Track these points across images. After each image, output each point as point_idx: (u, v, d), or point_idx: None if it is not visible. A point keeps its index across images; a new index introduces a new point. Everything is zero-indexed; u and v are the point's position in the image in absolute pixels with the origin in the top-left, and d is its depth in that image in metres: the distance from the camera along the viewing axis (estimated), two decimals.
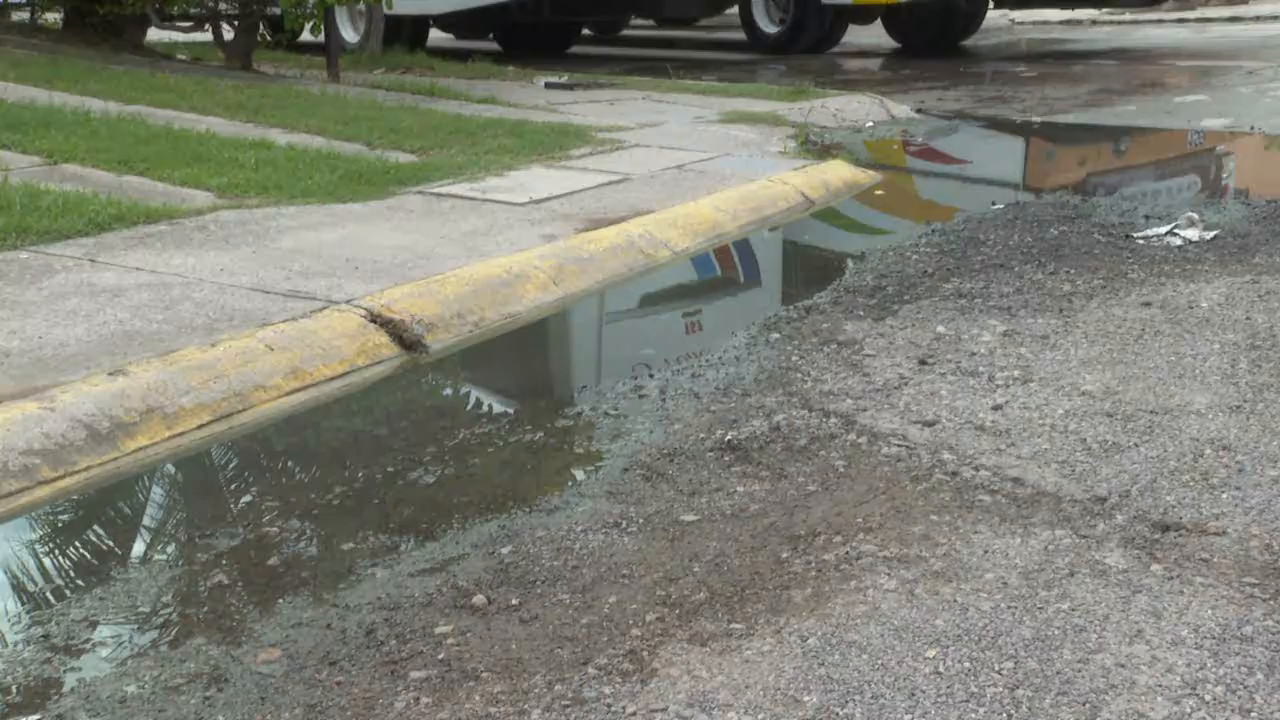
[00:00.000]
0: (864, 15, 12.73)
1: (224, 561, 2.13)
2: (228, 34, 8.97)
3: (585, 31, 15.82)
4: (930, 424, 2.59)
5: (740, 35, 13.76)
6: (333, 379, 2.93)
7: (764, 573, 1.99)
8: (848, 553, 2.04)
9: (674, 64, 10.82)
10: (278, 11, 8.12)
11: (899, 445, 2.49)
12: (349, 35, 11.35)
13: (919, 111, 7.87)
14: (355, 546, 2.17)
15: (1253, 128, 6.61)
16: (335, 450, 2.66)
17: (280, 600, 1.98)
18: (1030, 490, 2.26)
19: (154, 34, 9.52)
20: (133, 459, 2.47)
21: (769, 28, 12.62)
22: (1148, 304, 3.35)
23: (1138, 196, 4.87)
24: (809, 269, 4.45)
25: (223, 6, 8.68)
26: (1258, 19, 13.13)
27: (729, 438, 2.56)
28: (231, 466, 2.62)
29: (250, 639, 1.87)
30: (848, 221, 5.02)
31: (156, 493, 2.52)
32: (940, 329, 3.24)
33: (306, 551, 2.18)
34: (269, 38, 9.55)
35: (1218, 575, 1.92)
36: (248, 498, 2.44)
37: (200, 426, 2.62)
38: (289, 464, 2.62)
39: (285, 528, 2.26)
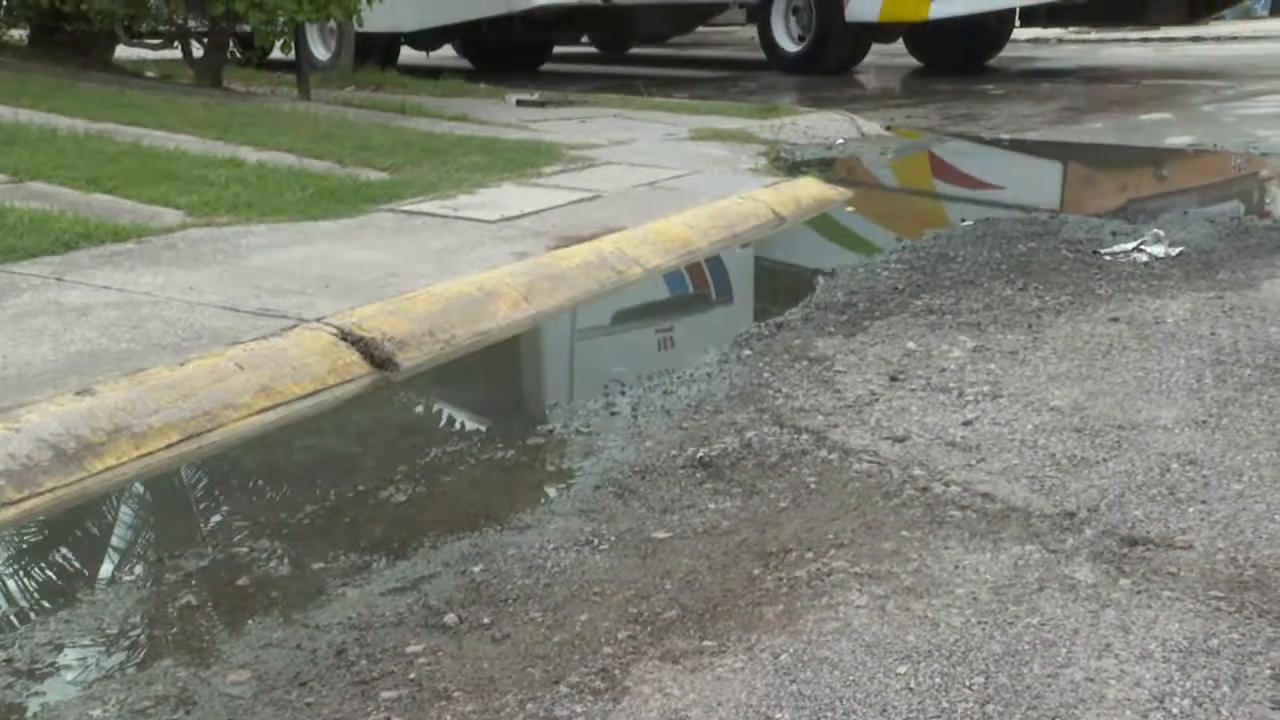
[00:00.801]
0: (888, 34, 12.32)
1: (193, 582, 2.11)
2: (197, 51, 8.93)
3: (593, 49, 15.75)
4: (901, 440, 2.61)
5: (756, 54, 13.76)
6: (303, 397, 2.92)
7: (736, 590, 2.00)
8: (819, 569, 2.05)
9: (645, 81, 10.86)
10: (248, 29, 8.10)
11: (870, 461, 2.50)
12: (320, 53, 11.33)
13: (889, 129, 7.92)
14: (326, 566, 2.16)
15: (1215, 145, 6.69)
16: (306, 469, 2.65)
17: (250, 621, 1.97)
18: (1000, 505, 2.27)
19: (122, 51, 9.48)
20: (100, 479, 2.45)
21: (790, 47, 12.15)
22: (1115, 320, 3.38)
23: (1106, 213, 4.92)
24: (780, 286, 4.47)
25: (192, 24, 8.65)
26: (1218, 39, 13.31)
27: (701, 455, 2.56)
28: (201, 486, 2.60)
29: (219, 660, 1.85)
30: (818, 238, 5.05)
31: (125, 513, 2.50)
32: (911, 345, 3.26)
33: (277, 571, 2.16)
34: (239, 55, 9.53)
35: (1184, 589, 1.94)
36: (217, 517, 2.42)
37: (169, 446, 2.60)
38: (259, 483, 2.61)
39: (255, 547, 2.24)
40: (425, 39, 12.27)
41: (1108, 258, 4.10)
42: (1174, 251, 4.10)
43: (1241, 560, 2.02)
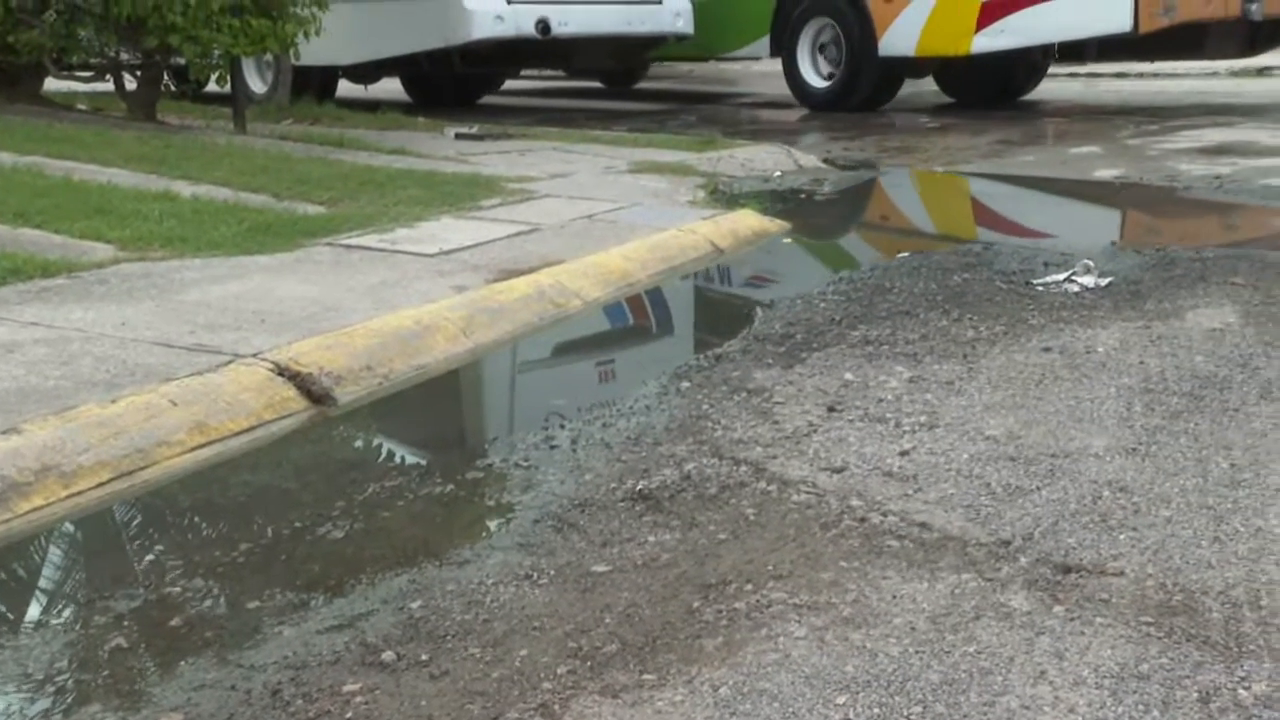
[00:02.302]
0: (922, 68, 11.66)
1: (123, 624, 2.07)
2: (130, 84, 8.84)
3: (599, 85, 15.54)
4: (839, 470, 2.63)
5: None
6: (239, 434, 2.88)
7: (675, 622, 2.00)
8: (759, 601, 2.05)
9: (585, 114, 10.91)
10: (182, 62, 8.03)
11: (808, 492, 2.51)
12: (256, 85, 11.26)
13: (826, 161, 8.01)
14: (261, 604, 2.13)
15: (1140, 178, 6.85)
16: (242, 506, 2.61)
17: (182, 662, 1.93)
18: (937, 535, 2.30)
19: (52, 84, 9.35)
20: (27, 520, 2.40)
21: (817, 82, 11.39)
22: (1048, 349, 3.44)
23: (1037, 244, 5.01)
24: (719, 317, 4.50)
25: (124, 57, 8.54)
26: (1141, 75, 13.60)
27: (640, 487, 2.56)
28: (133, 525, 2.56)
29: (149, 703, 1.82)
30: (757, 270, 5.09)
31: (53, 554, 2.45)
32: (848, 376, 3.29)
33: (210, 611, 2.13)
34: (173, 88, 9.44)
35: (1116, 615, 1.96)
36: (149, 557, 2.38)
37: (100, 485, 2.55)
38: (193, 521, 2.57)
39: (188, 587, 2.21)
40: (363, 72, 12.23)
41: (1040, 288, 4.17)
42: (1103, 282, 4.18)
43: (1170, 586, 2.06)
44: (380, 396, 3.25)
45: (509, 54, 11.00)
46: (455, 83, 13.07)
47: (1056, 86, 11.24)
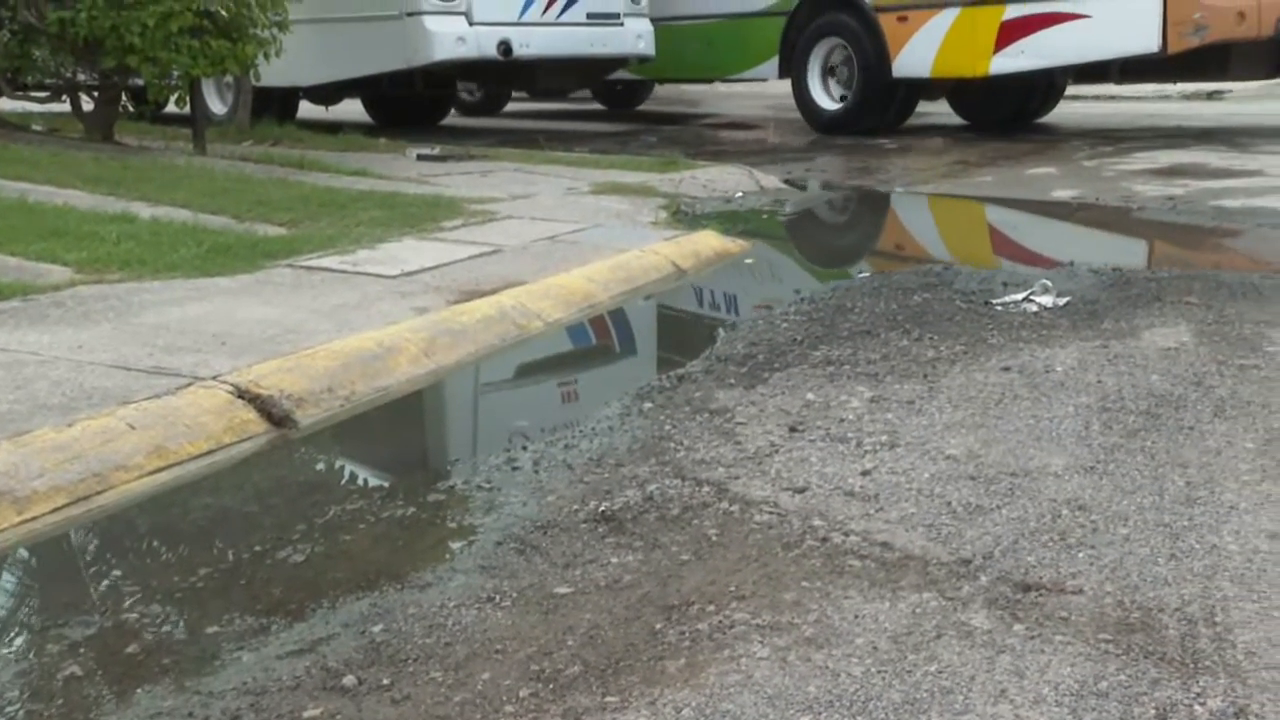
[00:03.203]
0: (936, 90, 11.32)
1: (79, 651, 2.04)
2: (87, 105, 8.77)
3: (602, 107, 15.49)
4: (801, 490, 2.64)
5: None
6: (198, 457, 2.86)
7: (638, 644, 1.99)
8: (721, 622, 2.05)
9: (546, 135, 10.93)
10: (140, 83, 7.98)
11: (770, 513, 2.52)
12: (216, 106, 11.21)
13: (787, 182, 8.07)
14: (220, 630, 2.11)
15: (1097, 199, 6.93)
16: (201, 530, 2.59)
17: (139, 690, 1.91)
18: (898, 554, 2.31)
19: (5, 104, 9.26)
20: None
21: (828, 105, 11.11)
22: (1007, 369, 3.47)
23: (996, 263, 5.06)
24: (681, 338, 4.51)
25: (81, 77, 8.48)
26: (1096, 98, 13.76)
27: (603, 509, 2.56)
28: (89, 551, 2.53)
29: None
30: (719, 290, 5.11)
31: (6, 581, 2.42)
32: (810, 396, 3.30)
33: (168, 637, 2.10)
34: (131, 109, 9.37)
35: (1075, 633, 1.98)
36: (106, 583, 2.35)
37: (55, 510, 2.52)
38: (151, 546, 2.54)
39: (146, 613, 2.18)
40: (325, 93, 12.19)
41: (999, 308, 4.21)
42: (1061, 301, 4.23)
43: (1128, 603, 2.08)
44: (342, 419, 3.23)
45: (470, 75, 11.00)
46: (417, 104, 13.07)
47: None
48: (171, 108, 8.70)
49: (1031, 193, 7.42)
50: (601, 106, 15.78)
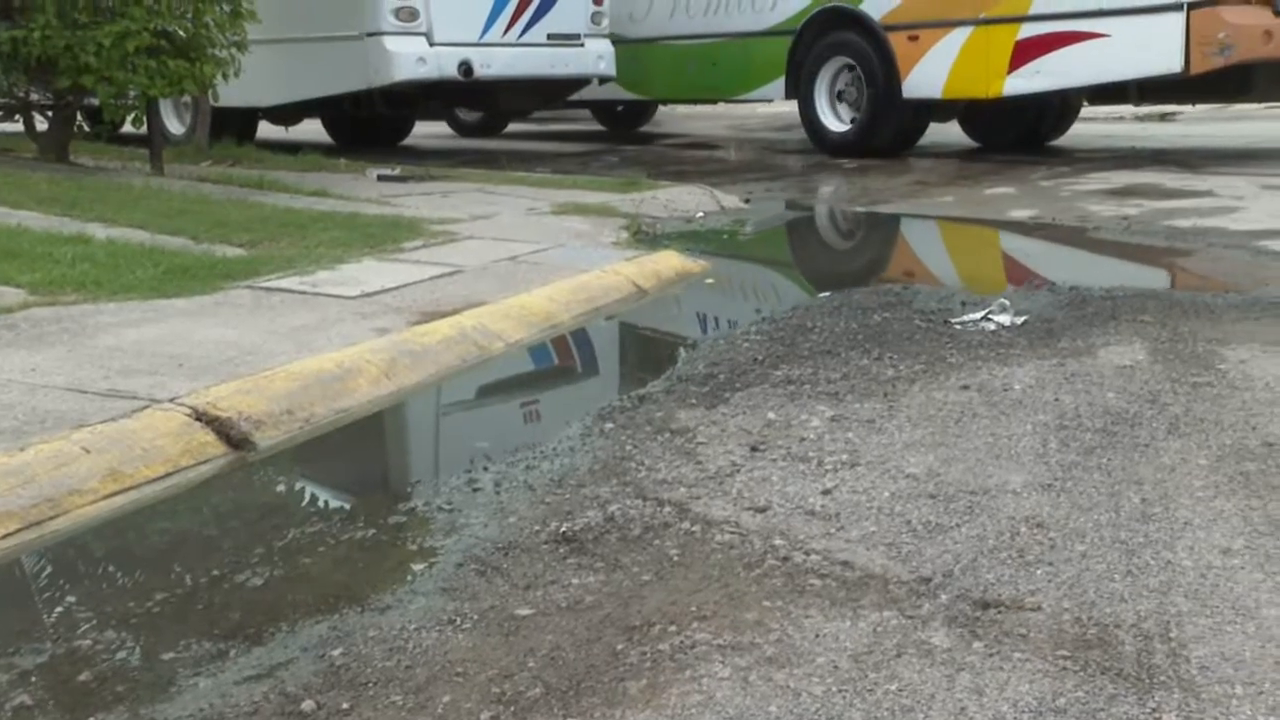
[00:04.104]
0: (947, 111, 11.02)
1: (30, 680, 2.01)
2: (41, 125, 8.68)
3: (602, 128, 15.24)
4: (762, 510, 2.64)
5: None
6: (155, 480, 2.83)
7: (599, 665, 1.99)
8: (682, 642, 2.05)
9: (507, 155, 10.93)
10: (96, 102, 7.91)
11: (732, 532, 2.52)
12: (174, 127, 11.13)
13: (747, 202, 8.10)
14: (177, 655, 2.08)
15: (1054, 219, 7.02)
16: (158, 554, 2.56)
17: (91, 718, 1.88)
18: (859, 573, 2.32)
19: None
20: None
21: (836, 126, 10.82)
22: (966, 387, 3.50)
23: (955, 283, 5.10)
24: (642, 358, 4.51)
25: (35, 97, 8.40)
26: None
27: (564, 529, 2.56)
28: (42, 577, 2.49)
29: None
30: (679, 310, 5.12)
31: None
32: (771, 415, 3.31)
33: (123, 664, 2.07)
34: (87, 129, 9.29)
35: (1034, 650, 1.99)
36: (58, 609, 2.32)
37: (6, 535, 2.49)
38: (106, 571, 2.51)
39: (100, 640, 2.15)
40: (284, 113, 12.14)
41: (958, 327, 4.24)
42: (1019, 320, 4.27)
43: (1085, 620, 2.09)
44: (301, 441, 3.21)
45: (432, 96, 11.00)
46: (377, 125, 13.05)
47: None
48: (128, 128, 8.63)
49: (990, 212, 7.50)
50: (602, 127, 15.66)
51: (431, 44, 10.01)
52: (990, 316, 4.32)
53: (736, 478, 2.84)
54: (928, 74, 9.99)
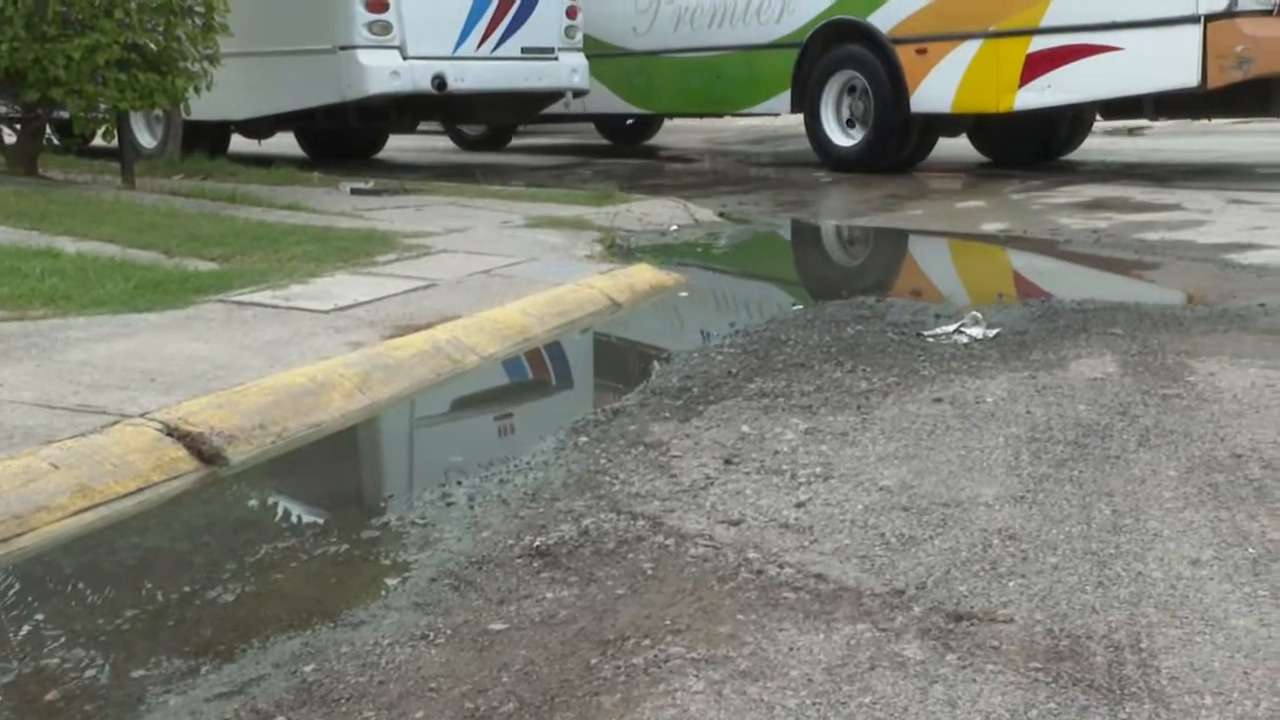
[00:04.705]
0: (956, 126, 10.86)
1: None
2: (10, 137, 8.62)
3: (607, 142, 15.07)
4: (736, 523, 2.64)
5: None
6: (125, 496, 2.81)
7: (573, 680, 1.98)
8: (656, 655, 2.05)
9: (482, 169, 10.93)
10: (66, 115, 7.86)
11: (706, 545, 2.53)
12: (145, 140, 11.08)
13: (722, 215, 8.12)
14: (147, 673, 2.06)
15: (1025, 232, 7.07)
16: (128, 571, 2.54)
17: None
18: (832, 586, 2.32)
19: None
20: None
21: (842, 141, 10.65)
22: (939, 400, 3.51)
23: (928, 296, 5.13)
24: (616, 371, 4.51)
25: (3, 110, 8.34)
26: None
27: (538, 543, 2.55)
28: (8, 595, 2.46)
29: None
30: (654, 324, 5.13)
31: None
32: (745, 428, 3.32)
33: (92, 682, 2.06)
34: (57, 142, 9.22)
35: (1006, 661, 2.00)
36: (26, 627, 2.29)
37: None
38: (76, 588, 2.48)
39: (68, 658, 2.13)
40: (257, 127, 12.10)
41: (930, 339, 4.26)
42: (991, 333, 4.29)
43: (1057, 631, 2.11)
44: (274, 455, 3.19)
45: (405, 109, 10.98)
46: (351, 138, 13.02)
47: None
48: (99, 141, 8.58)
49: (961, 226, 7.54)
50: (607, 142, 15.57)
51: (405, 57, 10.00)
52: (963, 329, 4.34)
53: (710, 491, 2.85)
54: (936, 88, 9.82)
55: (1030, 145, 10.94)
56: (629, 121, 14.72)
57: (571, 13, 11.15)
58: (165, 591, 2.40)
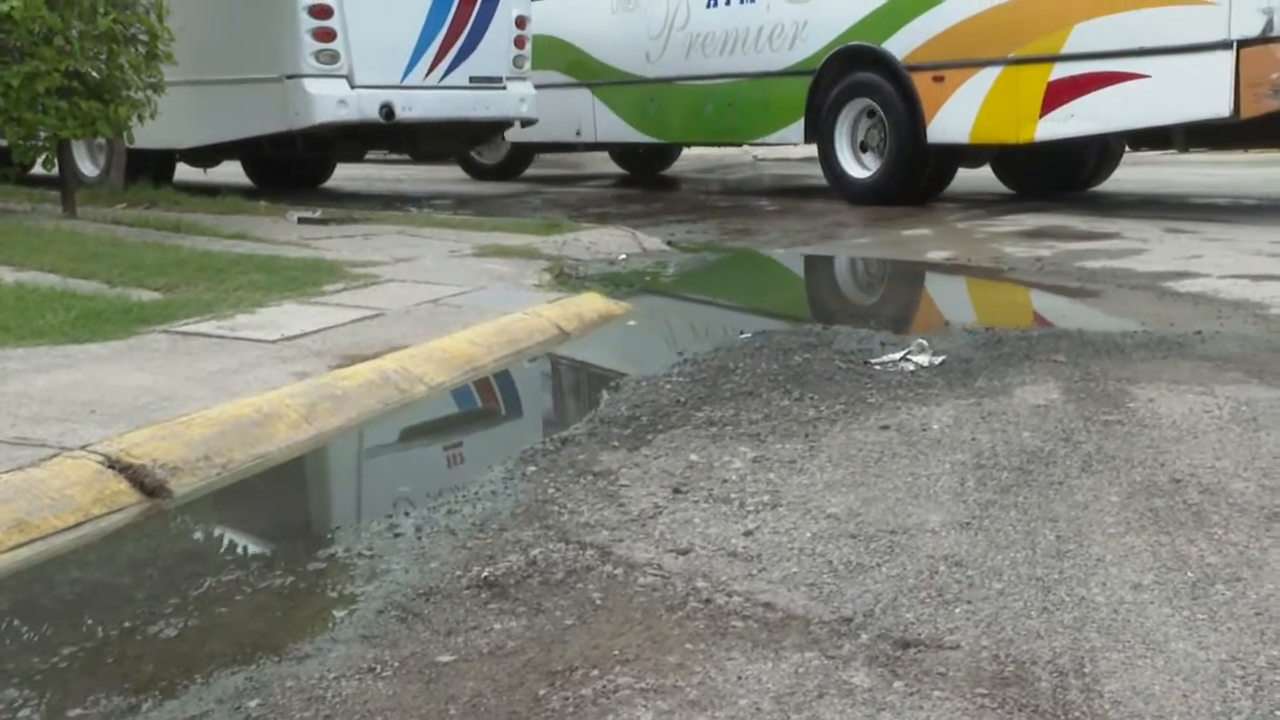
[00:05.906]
0: (976, 157, 10.57)
1: None
2: None
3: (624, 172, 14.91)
4: (684, 552, 2.65)
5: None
6: (65, 530, 2.76)
7: (521, 711, 1.97)
8: (605, 686, 2.04)
9: (431, 198, 10.90)
10: (3, 143, 7.76)
11: (654, 575, 2.53)
12: (87, 168, 10.95)
13: (669, 244, 8.16)
14: (84, 712, 2.03)
15: (970, 260, 7.16)
16: (67, 607, 2.49)
17: None
18: (780, 614, 2.33)
19: None
20: None
21: (857, 172, 10.36)
22: (886, 427, 3.54)
23: (875, 324, 5.17)
24: (565, 400, 4.51)
25: None
26: None
27: (486, 574, 2.54)
28: None
29: None
30: (602, 352, 5.13)
31: None
32: (693, 457, 3.32)
33: None
34: None
35: (953, 688, 2.02)
36: None
37: None
38: (10, 625, 2.43)
39: (0, 698, 2.09)
40: (203, 155, 12.00)
41: (877, 367, 4.30)
42: (937, 360, 4.34)
43: (1003, 657, 2.12)
44: (219, 487, 3.16)
45: (351, 137, 10.95)
46: (298, 167, 12.95)
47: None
48: (39, 169, 8.46)
49: (907, 253, 7.63)
50: (623, 171, 15.41)
51: (353, 86, 9.97)
52: (909, 357, 4.38)
53: (659, 520, 2.85)
54: (954, 117, 9.46)
55: (1056, 177, 10.67)
56: (640, 151, 14.39)
57: (520, 42, 11.19)
58: (105, 627, 2.36)
